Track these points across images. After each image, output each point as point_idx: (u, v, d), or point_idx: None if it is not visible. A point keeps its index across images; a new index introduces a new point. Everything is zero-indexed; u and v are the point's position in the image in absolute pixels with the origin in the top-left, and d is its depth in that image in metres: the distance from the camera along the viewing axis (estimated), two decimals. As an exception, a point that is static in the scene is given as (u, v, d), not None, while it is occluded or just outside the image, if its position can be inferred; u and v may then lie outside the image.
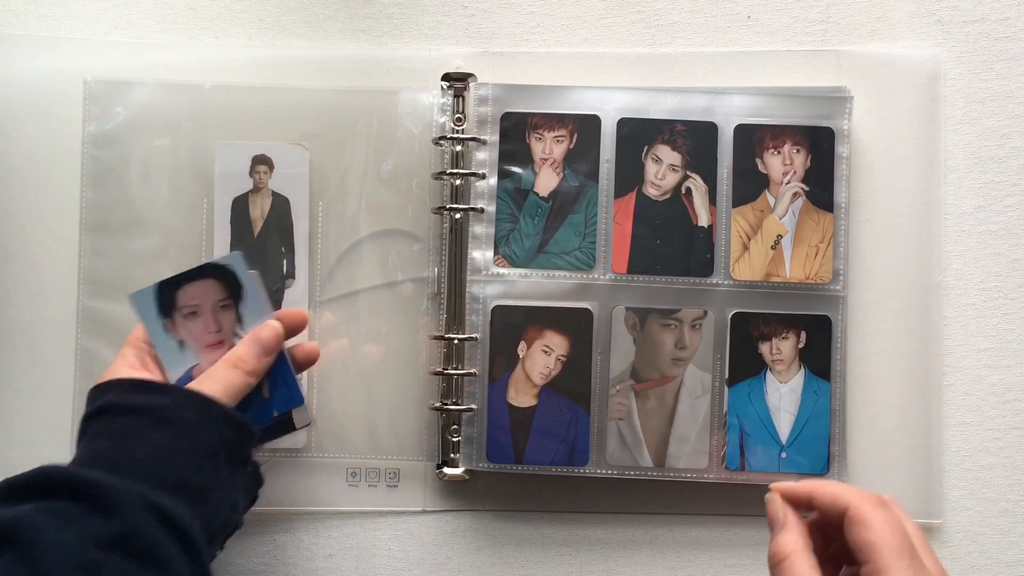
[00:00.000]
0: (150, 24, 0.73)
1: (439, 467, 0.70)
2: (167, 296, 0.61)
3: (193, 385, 0.58)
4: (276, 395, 0.62)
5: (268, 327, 0.61)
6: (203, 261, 0.63)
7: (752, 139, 0.68)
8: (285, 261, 0.70)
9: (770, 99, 0.69)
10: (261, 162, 0.70)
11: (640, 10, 0.73)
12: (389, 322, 0.71)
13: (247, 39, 0.73)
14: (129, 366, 0.59)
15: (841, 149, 0.68)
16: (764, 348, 0.68)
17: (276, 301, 0.70)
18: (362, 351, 0.70)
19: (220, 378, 0.58)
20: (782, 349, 0.68)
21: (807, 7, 0.72)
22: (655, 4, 0.73)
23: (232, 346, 0.61)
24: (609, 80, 0.72)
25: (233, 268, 0.61)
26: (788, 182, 0.68)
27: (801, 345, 0.68)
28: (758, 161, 0.69)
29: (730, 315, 0.68)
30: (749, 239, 0.68)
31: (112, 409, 0.55)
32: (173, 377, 0.60)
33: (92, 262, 0.70)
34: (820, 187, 0.68)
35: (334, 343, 0.70)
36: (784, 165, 0.68)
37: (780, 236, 0.68)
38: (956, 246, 0.71)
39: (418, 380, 0.71)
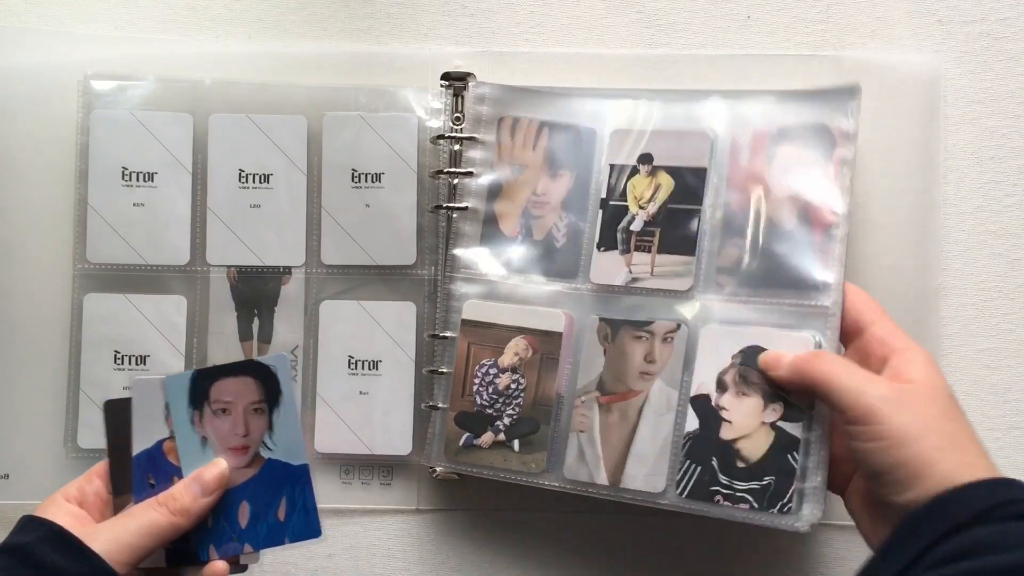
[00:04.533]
0: (150, 24, 0.73)
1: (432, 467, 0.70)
2: (201, 387, 0.58)
3: (112, 523, 0.56)
4: (291, 521, 0.59)
5: (213, 466, 0.58)
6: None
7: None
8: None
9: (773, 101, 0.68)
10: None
11: (640, 10, 0.73)
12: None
13: (247, 38, 0.73)
14: (68, 500, 0.57)
15: (844, 152, 0.66)
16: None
17: (273, 298, 0.70)
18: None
19: (139, 518, 0.55)
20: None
21: (807, 7, 0.72)
22: (655, 4, 0.73)
23: (257, 454, 0.59)
24: (609, 80, 0.72)
25: (275, 370, 0.58)
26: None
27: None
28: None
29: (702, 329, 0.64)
30: None
31: (20, 554, 0.53)
32: (187, 472, 0.58)
33: (88, 257, 0.70)
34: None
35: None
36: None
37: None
38: (956, 246, 0.71)
39: (412, 378, 0.71)
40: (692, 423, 0.63)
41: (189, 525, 0.56)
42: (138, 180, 0.70)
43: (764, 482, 0.60)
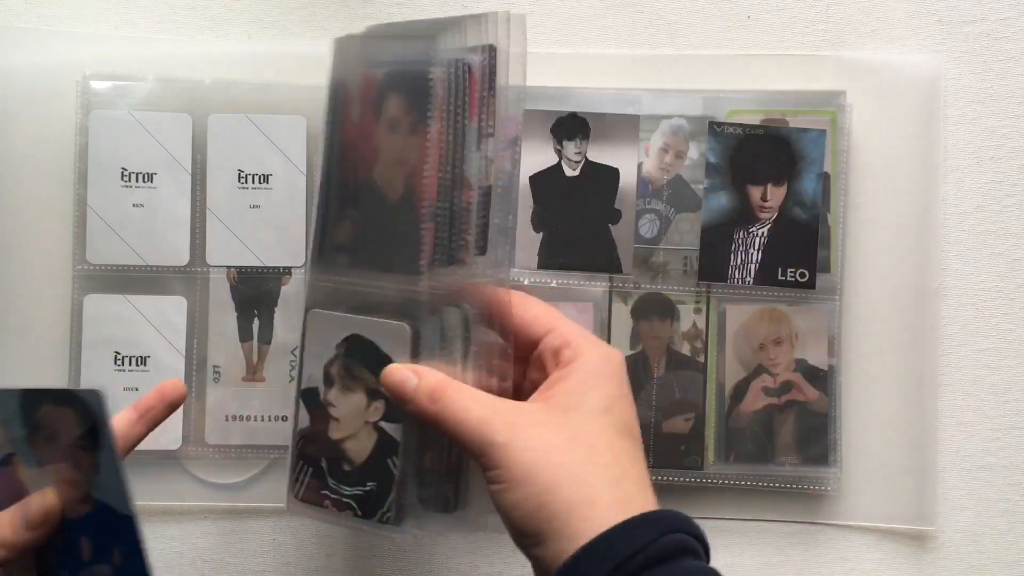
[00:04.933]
0: (150, 24, 0.73)
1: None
2: (30, 408, 0.51)
3: None
4: (125, 570, 0.52)
5: (40, 496, 0.50)
6: None
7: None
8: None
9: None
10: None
11: (640, 10, 0.73)
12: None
13: (247, 38, 0.73)
14: None
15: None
16: None
17: (273, 299, 0.70)
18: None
19: None
20: None
21: (807, 7, 0.72)
22: (655, 4, 0.73)
23: (88, 496, 0.52)
24: (608, 81, 0.72)
25: (91, 407, 0.50)
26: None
27: None
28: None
29: None
30: None
31: None
32: (30, 490, 0.52)
33: (88, 258, 0.70)
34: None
35: None
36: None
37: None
38: (956, 246, 0.71)
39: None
40: (304, 420, 0.58)
41: (13, 558, 0.50)
42: (137, 180, 0.70)
43: (367, 488, 0.55)
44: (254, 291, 0.70)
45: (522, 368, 0.52)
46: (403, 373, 0.50)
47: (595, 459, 0.45)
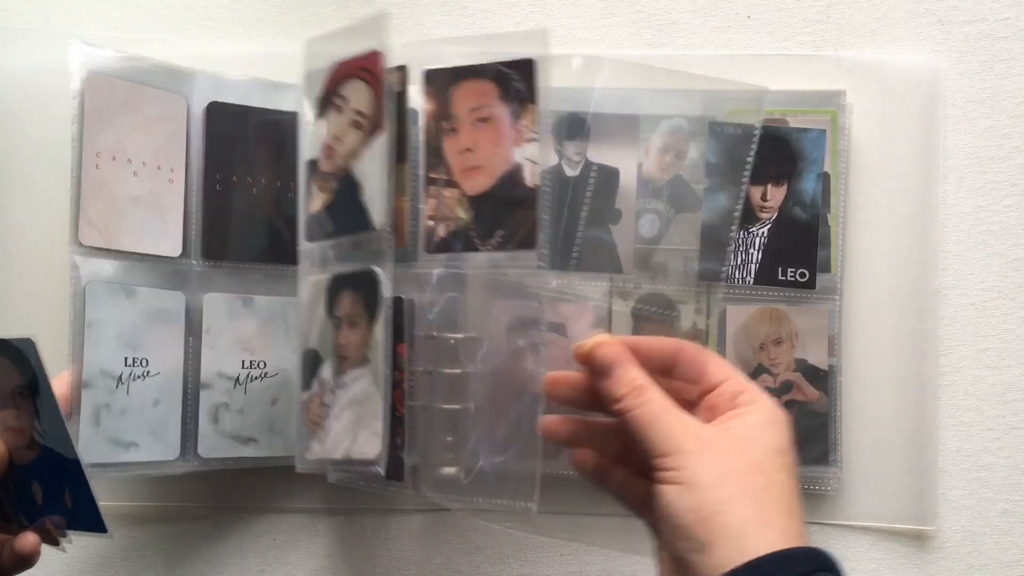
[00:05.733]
0: (150, 24, 0.73)
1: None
2: None
3: None
4: (77, 512, 0.54)
5: None
6: None
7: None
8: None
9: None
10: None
11: (640, 10, 0.73)
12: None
13: (247, 38, 0.73)
14: None
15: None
16: None
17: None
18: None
19: None
20: None
21: (807, 7, 0.72)
22: (655, 4, 0.73)
23: (34, 442, 0.54)
24: (608, 81, 0.71)
25: (24, 353, 0.52)
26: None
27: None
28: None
29: None
30: None
31: None
32: None
33: (86, 259, 0.70)
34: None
35: None
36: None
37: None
38: (956, 246, 0.71)
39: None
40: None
41: None
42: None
43: None
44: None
45: (689, 410, 0.54)
46: (615, 350, 0.54)
47: (771, 488, 0.49)
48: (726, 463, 0.48)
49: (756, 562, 0.45)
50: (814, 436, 0.68)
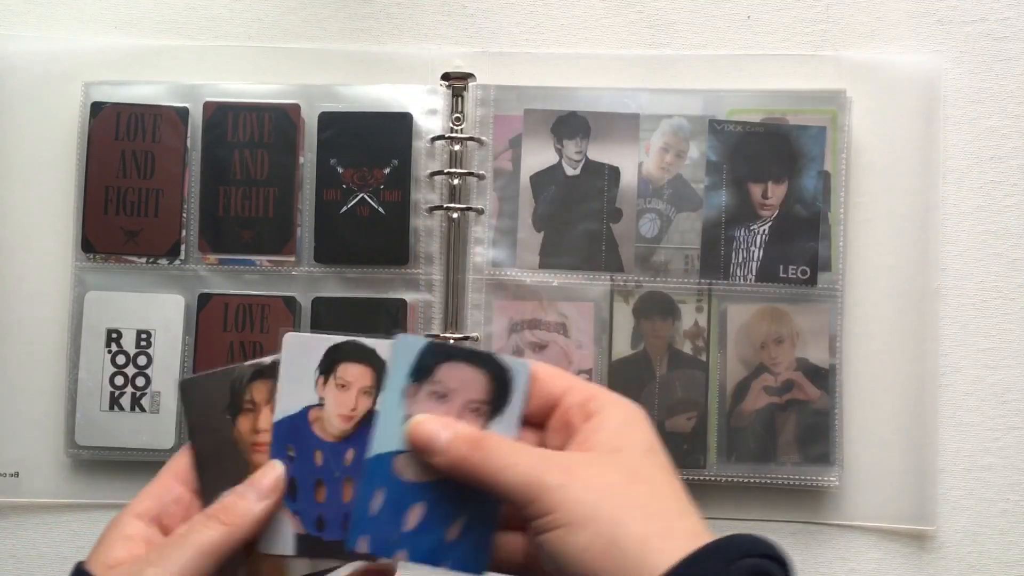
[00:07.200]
0: (150, 24, 0.73)
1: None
2: (429, 361, 0.49)
3: (160, 553, 0.45)
4: (459, 545, 0.48)
5: (269, 469, 0.48)
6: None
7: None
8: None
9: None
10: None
11: (640, 10, 0.73)
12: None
13: (247, 38, 0.73)
14: (139, 518, 0.48)
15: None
16: None
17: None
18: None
19: (190, 542, 0.45)
20: None
21: (807, 7, 0.72)
22: (655, 4, 0.73)
23: None
24: (608, 81, 0.72)
25: (515, 376, 0.48)
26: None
27: None
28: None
29: None
30: None
31: None
32: (378, 448, 0.49)
33: (89, 264, 0.70)
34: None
35: None
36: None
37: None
38: (956, 246, 0.71)
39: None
40: None
41: (247, 536, 0.47)
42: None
43: None
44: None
45: (538, 436, 0.49)
46: (434, 425, 0.47)
47: (658, 493, 0.44)
48: (601, 483, 0.44)
49: (673, 573, 0.41)
50: (815, 435, 0.68)
